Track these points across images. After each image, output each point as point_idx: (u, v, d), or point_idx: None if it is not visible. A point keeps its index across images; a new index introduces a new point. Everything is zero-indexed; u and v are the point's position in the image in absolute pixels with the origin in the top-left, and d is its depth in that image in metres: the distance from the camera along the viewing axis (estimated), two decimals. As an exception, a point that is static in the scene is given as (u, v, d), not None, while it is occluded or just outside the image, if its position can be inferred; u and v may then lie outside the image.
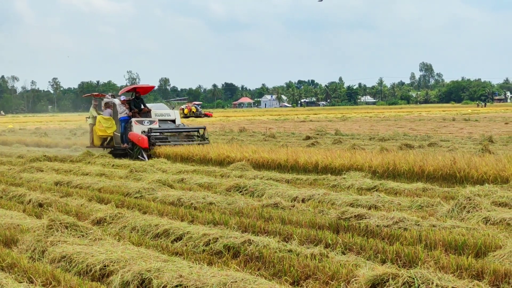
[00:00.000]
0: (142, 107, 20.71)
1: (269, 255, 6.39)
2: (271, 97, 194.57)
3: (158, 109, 20.96)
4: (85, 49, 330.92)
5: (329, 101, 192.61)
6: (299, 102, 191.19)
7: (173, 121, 20.65)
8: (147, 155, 18.70)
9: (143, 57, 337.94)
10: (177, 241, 7.35)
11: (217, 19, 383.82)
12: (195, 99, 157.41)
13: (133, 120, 19.78)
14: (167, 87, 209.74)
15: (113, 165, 16.90)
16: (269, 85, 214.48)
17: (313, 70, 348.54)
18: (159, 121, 20.12)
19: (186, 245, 7.10)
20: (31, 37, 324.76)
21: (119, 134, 20.13)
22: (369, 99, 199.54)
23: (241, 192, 10.90)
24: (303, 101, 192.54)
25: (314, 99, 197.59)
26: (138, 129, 19.41)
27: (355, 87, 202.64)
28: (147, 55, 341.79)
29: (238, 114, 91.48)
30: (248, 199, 10.02)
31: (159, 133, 19.60)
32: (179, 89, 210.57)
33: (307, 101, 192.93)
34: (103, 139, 21.02)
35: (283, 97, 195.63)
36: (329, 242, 6.94)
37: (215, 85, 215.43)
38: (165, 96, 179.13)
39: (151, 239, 7.60)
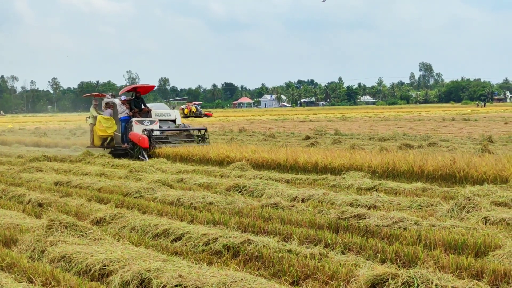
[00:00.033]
0: (142, 107, 20.71)
1: (269, 255, 6.39)
2: (271, 97, 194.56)
3: (158, 109, 20.97)
4: (85, 49, 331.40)
5: (328, 101, 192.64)
6: (299, 102, 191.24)
7: (174, 121, 20.66)
8: (148, 155, 18.71)
9: (143, 57, 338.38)
10: (176, 241, 7.35)
11: (217, 19, 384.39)
12: (195, 99, 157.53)
13: (134, 120, 19.78)
14: (167, 87, 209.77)
15: (112, 165, 16.90)
16: (269, 85, 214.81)
17: (313, 70, 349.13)
18: (159, 121, 20.13)
19: (185, 245, 7.10)
20: (31, 37, 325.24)
21: (120, 134, 20.12)
22: (368, 99, 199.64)
23: (240, 192, 10.90)
24: (302, 101, 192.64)
25: (313, 99, 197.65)
26: (138, 129, 19.41)
27: (354, 87, 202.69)
28: (146, 55, 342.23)
29: (237, 114, 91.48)
30: (247, 199, 10.02)
31: (160, 133, 19.61)
32: (179, 89, 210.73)
33: (306, 101, 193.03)
34: (103, 139, 21.00)
35: (283, 97, 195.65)
36: (329, 242, 6.95)
37: (214, 85, 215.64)
38: (165, 96, 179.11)
39: (150, 239, 7.60)
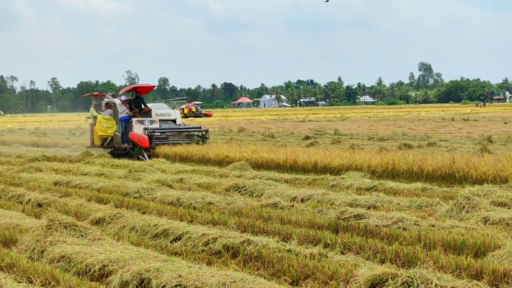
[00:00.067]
0: (142, 107, 20.72)
1: (268, 255, 6.39)
2: (270, 97, 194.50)
3: (158, 109, 20.98)
4: (85, 49, 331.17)
5: (328, 101, 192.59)
6: (298, 102, 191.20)
7: (174, 121, 20.68)
8: (148, 155, 18.71)
9: (142, 57, 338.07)
10: (176, 241, 7.35)
11: (216, 19, 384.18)
12: (194, 99, 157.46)
13: (134, 120, 19.78)
14: (166, 87, 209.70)
15: (112, 165, 16.90)
16: (268, 85, 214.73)
17: (312, 70, 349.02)
18: (159, 121, 20.14)
19: (185, 245, 7.10)
20: (30, 37, 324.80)
21: (120, 134, 20.12)
22: (368, 99, 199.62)
23: (240, 192, 10.90)
24: (302, 101, 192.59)
25: (313, 99, 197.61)
26: (138, 129, 19.41)
27: (354, 87, 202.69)
28: (146, 55, 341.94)
29: (237, 114, 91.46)
30: (247, 199, 10.02)
31: (160, 133, 19.63)
32: (178, 89, 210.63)
33: (306, 101, 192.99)
34: (103, 139, 20.99)
35: (282, 97, 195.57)
36: (328, 242, 6.95)
37: (214, 85, 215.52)
38: (164, 96, 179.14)
39: (150, 239, 7.60)
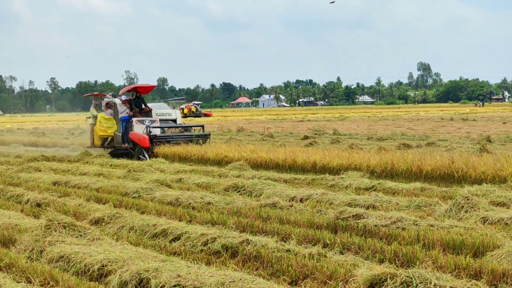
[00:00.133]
0: (143, 106, 20.72)
1: (267, 254, 6.39)
2: (269, 96, 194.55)
3: (159, 109, 20.98)
4: (83, 49, 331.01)
5: (327, 100, 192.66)
6: (297, 101, 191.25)
7: (174, 121, 20.69)
8: (148, 154, 18.72)
9: (141, 57, 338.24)
10: (175, 241, 7.35)
11: (215, 19, 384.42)
12: (193, 98, 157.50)
13: (134, 119, 19.78)
14: (165, 86, 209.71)
15: (111, 165, 16.89)
16: (267, 85, 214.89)
17: (311, 69, 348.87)
18: (160, 120, 20.15)
19: (184, 245, 7.10)
20: (29, 37, 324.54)
21: (120, 134, 20.11)
22: (367, 98, 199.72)
23: (239, 192, 10.90)
24: (301, 100, 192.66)
25: (312, 98, 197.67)
26: (139, 128, 19.41)
27: (353, 87, 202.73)
28: (145, 55, 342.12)
29: (236, 113, 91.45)
30: (246, 199, 10.02)
31: (162, 132, 19.67)
32: (177, 89, 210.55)
33: (305, 100, 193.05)
34: (103, 139, 20.97)
35: (281, 96, 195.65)
36: (327, 241, 6.95)
37: (213, 85, 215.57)
38: (163, 95, 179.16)
39: (149, 239, 7.60)
